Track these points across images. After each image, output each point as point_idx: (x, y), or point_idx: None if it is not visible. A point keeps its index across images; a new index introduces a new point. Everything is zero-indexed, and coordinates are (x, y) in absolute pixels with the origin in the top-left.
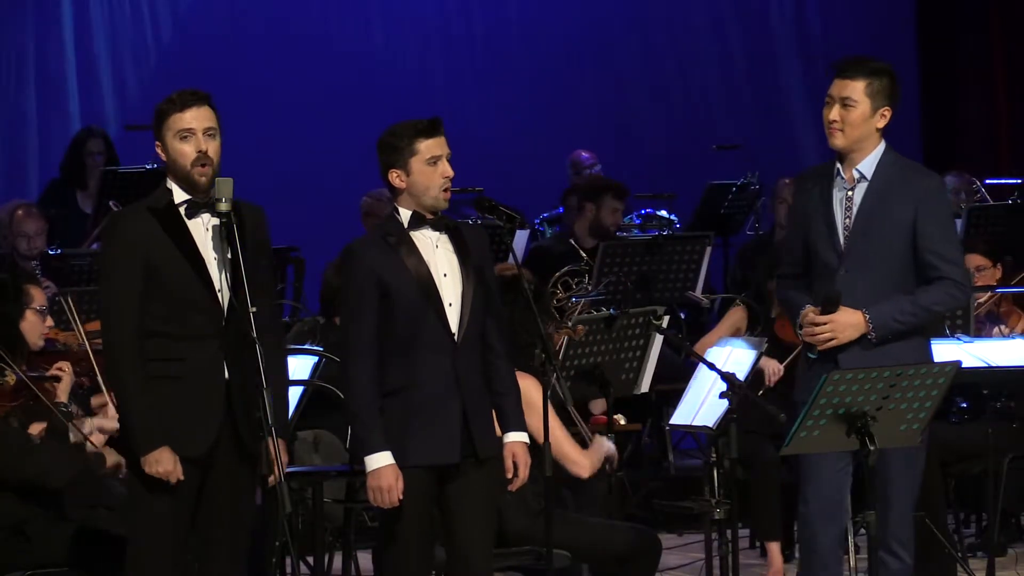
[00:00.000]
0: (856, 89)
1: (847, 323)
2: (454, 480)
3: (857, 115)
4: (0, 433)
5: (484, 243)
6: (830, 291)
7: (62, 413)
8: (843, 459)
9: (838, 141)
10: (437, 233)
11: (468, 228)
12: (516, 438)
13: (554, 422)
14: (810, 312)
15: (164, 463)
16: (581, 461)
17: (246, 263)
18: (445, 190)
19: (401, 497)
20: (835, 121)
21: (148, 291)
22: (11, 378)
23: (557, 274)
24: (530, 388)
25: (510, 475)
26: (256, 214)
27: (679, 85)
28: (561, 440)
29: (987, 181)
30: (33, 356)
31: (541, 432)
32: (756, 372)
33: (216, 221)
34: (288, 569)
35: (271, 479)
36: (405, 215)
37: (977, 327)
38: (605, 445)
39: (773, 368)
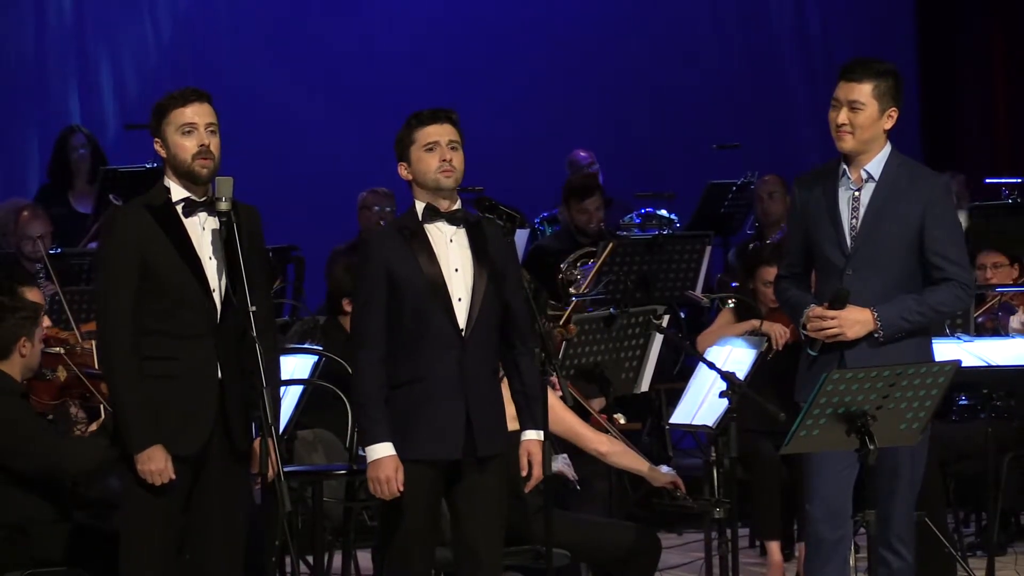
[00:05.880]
0: (863, 92)
1: (855, 319)
2: (462, 479)
3: (865, 117)
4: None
5: (505, 239)
6: (839, 288)
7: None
8: (848, 457)
9: (847, 144)
10: (453, 227)
11: (489, 224)
12: (532, 436)
13: (562, 407)
14: (817, 308)
15: (156, 461)
16: (597, 437)
17: (244, 263)
18: (444, 171)
19: (401, 489)
20: (844, 124)
21: (144, 289)
22: (62, 374)
23: (573, 255)
24: None
25: (524, 473)
26: (251, 214)
27: (679, 85)
28: (572, 423)
29: (987, 181)
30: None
31: (553, 423)
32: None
33: (213, 220)
34: (288, 569)
35: (269, 475)
36: (420, 208)
37: (992, 318)
38: (665, 469)
39: (779, 331)
